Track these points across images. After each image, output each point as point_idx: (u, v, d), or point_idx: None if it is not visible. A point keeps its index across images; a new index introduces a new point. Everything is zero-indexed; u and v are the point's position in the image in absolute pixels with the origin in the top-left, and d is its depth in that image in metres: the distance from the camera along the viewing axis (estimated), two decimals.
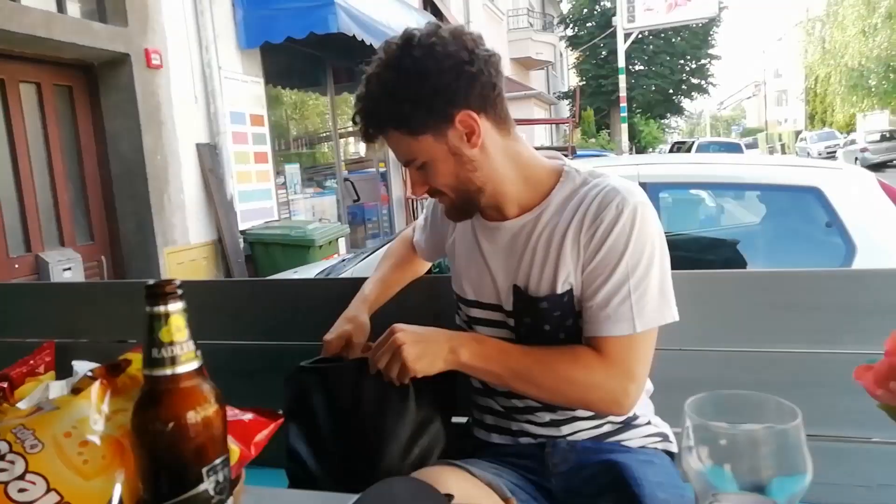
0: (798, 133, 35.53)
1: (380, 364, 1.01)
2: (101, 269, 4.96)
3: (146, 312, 0.61)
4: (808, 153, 26.09)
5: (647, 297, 1.00)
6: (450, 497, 0.75)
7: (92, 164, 5.02)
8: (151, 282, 0.62)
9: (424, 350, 0.99)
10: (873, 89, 25.44)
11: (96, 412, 0.70)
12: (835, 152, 24.32)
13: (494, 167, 1.06)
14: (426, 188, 1.07)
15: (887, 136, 23.19)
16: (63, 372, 0.89)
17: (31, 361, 1.16)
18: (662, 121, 32.58)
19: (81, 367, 0.89)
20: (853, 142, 24.45)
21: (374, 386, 1.08)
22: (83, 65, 4.93)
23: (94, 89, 5.03)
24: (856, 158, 20.03)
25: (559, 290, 1.04)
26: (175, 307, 0.62)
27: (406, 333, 1.00)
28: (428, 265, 1.46)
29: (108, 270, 5.00)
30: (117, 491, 0.66)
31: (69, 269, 4.47)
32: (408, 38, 1.00)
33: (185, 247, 5.36)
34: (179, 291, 0.62)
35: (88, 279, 4.64)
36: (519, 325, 1.09)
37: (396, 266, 1.40)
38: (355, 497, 0.73)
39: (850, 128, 31.79)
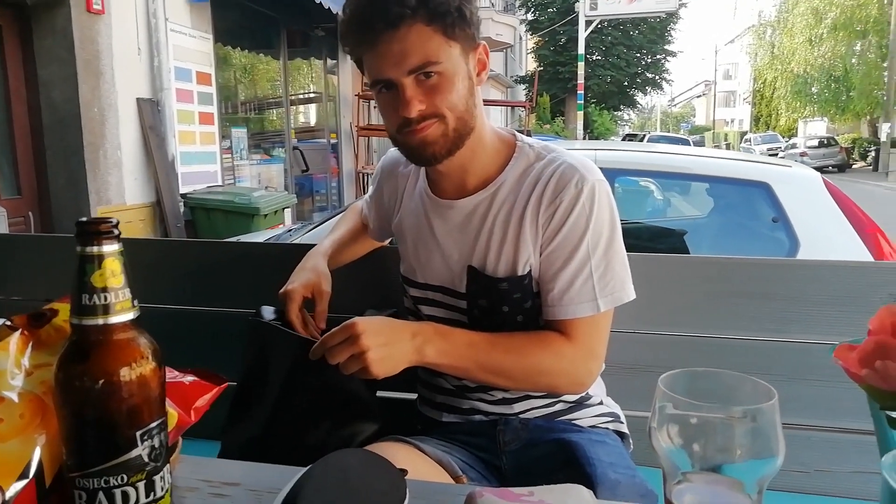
0: (743, 134, 36.81)
1: (336, 359, 0.89)
2: (28, 225, 4.73)
3: (77, 253, 0.55)
4: (752, 153, 27.05)
5: (608, 276, 0.99)
6: (403, 472, 0.71)
7: (21, 111, 4.75)
8: (84, 219, 0.55)
9: (388, 353, 0.90)
10: (815, 97, 26.51)
11: (15, 366, 0.64)
12: (777, 154, 25.32)
13: (480, 116, 1.02)
14: (423, 107, 0.94)
15: (825, 142, 24.41)
16: None
17: None
18: (616, 112, 33.12)
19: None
20: (794, 146, 25.61)
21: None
22: (15, 3, 4.63)
23: (27, 31, 4.76)
24: (796, 161, 20.85)
25: (520, 272, 1.01)
26: (110, 248, 0.56)
27: (368, 336, 0.88)
28: (377, 244, 1.36)
29: (36, 226, 4.78)
30: (37, 455, 0.60)
31: None
32: None
33: (120, 207, 5.14)
34: (116, 231, 0.56)
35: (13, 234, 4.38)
36: (472, 306, 1.05)
37: (351, 232, 1.32)
38: (304, 469, 0.69)
39: (791, 132, 33.14)
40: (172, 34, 5.61)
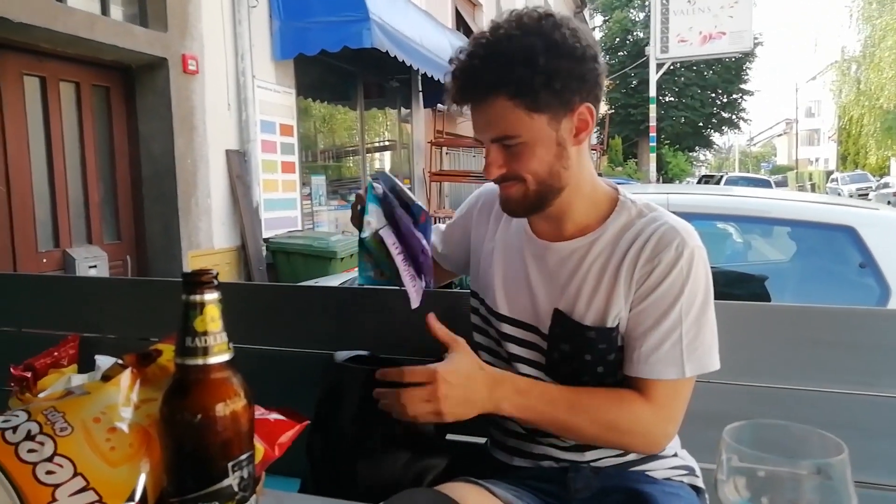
0: (829, 173, 35.07)
1: (412, 411, 0.92)
2: (125, 268, 5.01)
3: (182, 301, 0.61)
4: (839, 194, 25.71)
5: (697, 342, 0.98)
6: None
7: (124, 164, 5.10)
8: (189, 270, 0.62)
9: (465, 409, 0.94)
10: None
11: (125, 400, 0.70)
12: (867, 194, 23.93)
13: (580, 172, 1.04)
14: (503, 171, 1.00)
15: None
16: (86, 366, 0.89)
17: (56, 353, 1.17)
18: (691, 153, 32.41)
19: (104, 361, 0.89)
20: (886, 185, 24.10)
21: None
22: (122, 67, 5.03)
23: (131, 91, 5.13)
24: (888, 202, 19.68)
25: (609, 324, 1.01)
26: (211, 297, 0.62)
27: (451, 387, 0.91)
28: (442, 278, 1.37)
29: (133, 270, 5.05)
30: (142, 480, 0.66)
31: (95, 266, 4.52)
32: (548, 13, 0.97)
33: (208, 251, 5.40)
34: (215, 282, 0.62)
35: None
36: (553, 349, 1.05)
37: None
38: None
39: (883, 171, 31.32)
40: (259, 90, 5.92)
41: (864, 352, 1.16)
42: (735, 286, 2.93)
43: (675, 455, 1.11)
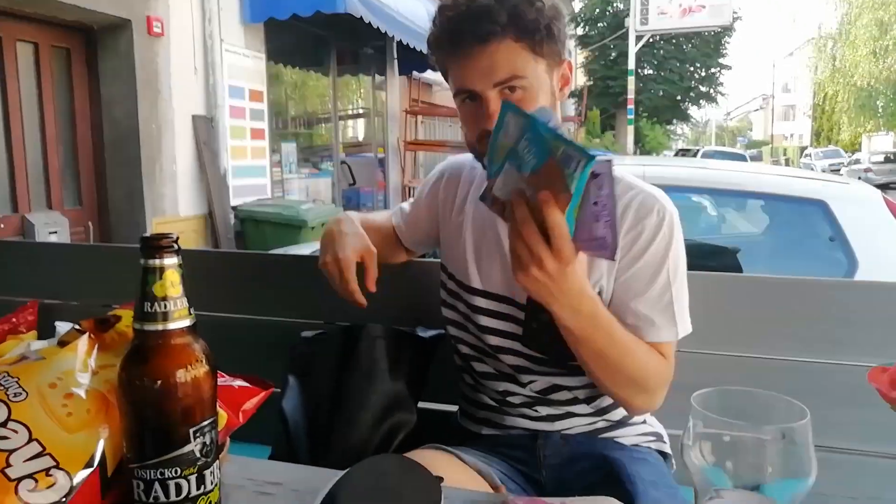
0: (803, 149, 35.70)
1: (514, 247, 0.81)
2: (87, 234, 4.94)
3: (140, 265, 0.61)
4: (813, 169, 26.22)
5: (681, 304, 1.00)
6: (439, 479, 0.73)
7: (85, 128, 4.99)
8: (148, 234, 0.61)
9: (541, 292, 0.83)
10: (880, 111, 25.54)
11: (83, 365, 0.69)
12: (839, 170, 24.45)
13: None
14: None
15: (891, 157, 23.44)
16: (45, 332, 0.89)
17: (14, 319, 1.16)
18: (668, 126, 32.61)
19: (64, 328, 0.89)
20: (857, 161, 24.65)
21: (354, 357, 1.11)
22: (83, 27, 4.89)
23: (93, 53, 5.00)
24: (859, 178, 20.11)
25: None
26: (170, 261, 0.61)
27: (552, 283, 0.80)
28: (403, 257, 1.31)
29: (95, 236, 4.98)
30: (100, 446, 0.65)
31: (55, 232, 4.43)
32: None
33: (174, 218, 5.32)
34: (176, 246, 0.61)
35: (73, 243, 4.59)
36: (531, 318, 1.03)
37: (381, 222, 1.28)
38: (343, 472, 0.73)
39: (854, 147, 31.97)
40: (227, 54, 5.80)
41: (829, 322, 1.18)
42: (708, 258, 2.95)
43: (644, 422, 1.12)
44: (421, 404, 1.19)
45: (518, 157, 0.80)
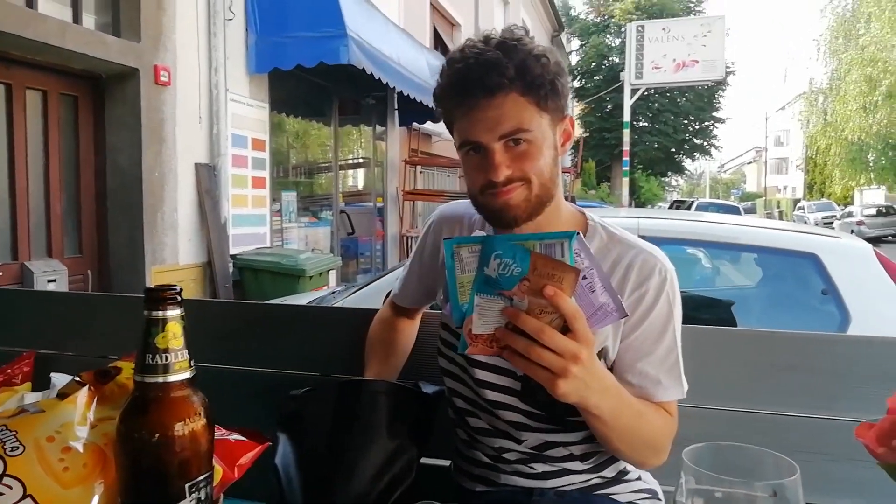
0: (796, 202, 36.02)
1: (534, 372, 0.81)
2: (86, 283, 4.91)
3: (143, 316, 0.60)
4: (806, 222, 26.39)
5: (681, 363, 1.03)
6: None
7: (89, 175, 5.02)
8: (152, 286, 0.61)
9: (578, 395, 0.83)
10: (871, 164, 25.86)
11: (82, 418, 0.69)
12: (832, 223, 24.61)
13: (558, 187, 1.04)
14: (510, 172, 0.97)
15: (883, 211, 23.67)
16: (41, 384, 0.87)
17: (9, 370, 1.14)
18: (663, 178, 33.00)
19: (60, 380, 0.87)
20: (850, 214, 24.88)
21: (352, 411, 1.09)
22: (92, 76, 4.97)
23: (100, 101, 5.06)
24: (852, 231, 20.26)
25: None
26: (173, 313, 0.61)
27: (584, 370, 0.80)
28: (417, 323, 1.34)
29: (94, 285, 4.95)
30: (94, 502, 0.64)
31: (53, 280, 4.41)
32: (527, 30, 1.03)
33: (173, 266, 5.31)
34: (178, 298, 0.61)
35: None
36: None
37: (386, 353, 1.28)
38: None
39: (847, 200, 32.26)
40: (232, 103, 5.89)
41: (821, 376, 1.18)
42: (703, 311, 2.96)
43: (639, 478, 1.11)
44: None
45: (493, 282, 0.80)
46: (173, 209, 5.32)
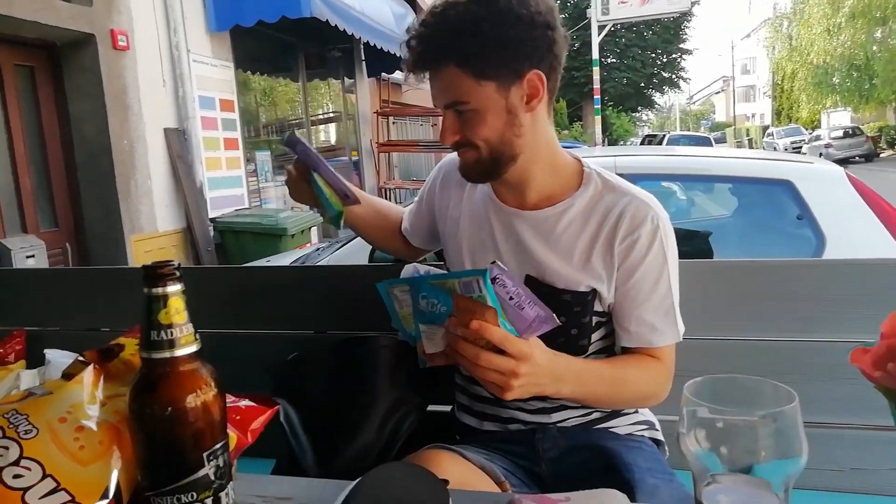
0: (765, 128, 36.25)
1: (483, 375, 0.88)
2: (65, 256, 4.84)
3: (144, 294, 0.60)
4: (775, 148, 26.63)
5: (677, 306, 1.06)
6: (445, 482, 0.75)
7: (55, 147, 4.89)
8: (150, 263, 0.61)
9: (530, 391, 0.91)
10: (837, 87, 26.02)
11: (90, 397, 0.69)
12: (800, 148, 24.91)
13: (535, 140, 1.05)
14: (457, 137, 1.02)
15: (850, 132, 23.92)
16: (34, 361, 0.86)
17: (1, 350, 1.14)
18: (634, 114, 32.93)
19: (54, 355, 0.86)
20: (818, 138, 25.12)
21: (351, 368, 1.13)
22: (46, 44, 4.78)
23: (58, 70, 4.89)
24: (820, 154, 20.51)
25: (582, 289, 1.04)
26: (174, 289, 0.61)
27: (532, 372, 0.88)
28: (402, 250, 1.38)
29: (73, 258, 4.88)
30: (114, 477, 0.65)
31: (32, 256, 4.33)
32: None
33: (152, 234, 5.25)
34: (178, 273, 0.61)
35: (53, 266, 4.51)
36: None
37: (388, 214, 1.38)
38: (351, 483, 0.73)
39: (814, 124, 32.54)
40: (195, 64, 5.72)
41: (801, 301, 1.22)
42: (681, 243, 2.99)
43: (636, 411, 1.15)
44: None
45: (428, 314, 0.91)
46: (146, 177, 5.22)
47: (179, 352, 0.60)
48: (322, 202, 1.20)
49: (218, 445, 0.62)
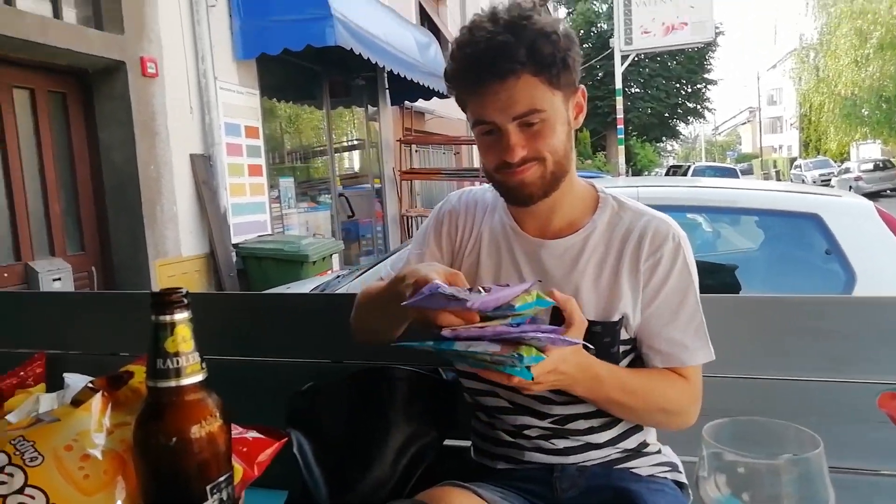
0: (793, 160, 35.85)
1: (505, 382, 0.86)
2: (91, 280, 4.91)
3: (151, 322, 0.60)
4: (803, 180, 26.32)
5: (706, 325, 1.05)
6: None
7: (84, 172, 4.99)
8: (158, 290, 0.60)
9: (555, 385, 0.92)
10: (866, 119, 25.70)
11: (98, 425, 0.69)
12: (829, 180, 24.56)
13: (572, 159, 1.05)
14: (525, 152, 0.98)
15: (881, 165, 23.55)
16: (53, 384, 0.87)
17: (22, 373, 1.14)
18: (658, 144, 32.83)
19: (73, 379, 0.87)
20: (847, 170, 24.75)
21: (367, 400, 1.11)
22: (78, 71, 4.91)
23: (89, 97, 5.01)
24: (850, 187, 20.22)
25: (613, 318, 1.02)
26: (181, 317, 0.60)
27: (563, 367, 0.88)
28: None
29: (99, 282, 4.95)
30: None
31: (59, 279, 4.41)
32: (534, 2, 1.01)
33: (176, 259, 5.31)
34: (186, 300, 0.61)
35: (78, 290, 4.58)
36: None
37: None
38: None
39: (843, 156, 32.11)
40: (221, 92, 5.83)
41: (830, 339, 1.18)
42: (706, 276, 2.94)
43: (659, 452, 1.12)
44: None
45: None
46: (172, 202, 5.30)
47: (185, 381, 0.60)
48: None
49: (222, 478, 0.61)
